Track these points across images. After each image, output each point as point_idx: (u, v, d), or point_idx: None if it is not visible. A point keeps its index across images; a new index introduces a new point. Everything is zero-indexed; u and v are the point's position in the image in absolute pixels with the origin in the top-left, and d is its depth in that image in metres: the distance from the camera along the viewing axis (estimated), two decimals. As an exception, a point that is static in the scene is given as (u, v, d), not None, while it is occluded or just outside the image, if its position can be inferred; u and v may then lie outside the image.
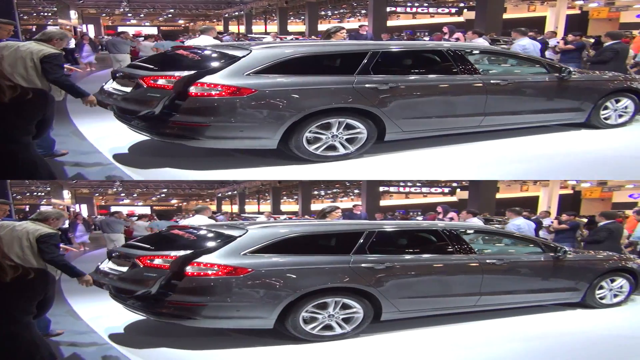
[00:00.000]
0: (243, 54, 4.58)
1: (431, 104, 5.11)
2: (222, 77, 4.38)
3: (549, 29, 17.80)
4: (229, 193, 28.02)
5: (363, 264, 4.71)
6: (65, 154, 5.27)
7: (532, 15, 23.01)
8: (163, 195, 30.28)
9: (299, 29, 28.22)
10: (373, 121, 4.86)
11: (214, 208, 26.06)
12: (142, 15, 32.38)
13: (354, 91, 4.72)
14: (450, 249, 5.24)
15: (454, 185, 22.86)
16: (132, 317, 5.02)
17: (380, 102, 4.82)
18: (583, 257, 6.20)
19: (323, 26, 23.75)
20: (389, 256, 4.89)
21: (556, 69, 5.79)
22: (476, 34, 9.43)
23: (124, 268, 4.53)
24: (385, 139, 4.99)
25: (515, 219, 8.49)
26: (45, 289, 2.50)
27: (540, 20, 21.25)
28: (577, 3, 20.82)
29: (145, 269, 4.32)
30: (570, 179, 16.54)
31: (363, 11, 27.33)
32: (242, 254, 4.36)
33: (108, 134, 5.50)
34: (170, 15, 33.17)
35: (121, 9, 29.88)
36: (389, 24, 22.18)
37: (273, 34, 20.75)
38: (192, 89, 4.31)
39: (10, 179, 8.10)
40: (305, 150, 4.73)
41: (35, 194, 25.70)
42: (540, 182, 19.74)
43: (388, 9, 22.17)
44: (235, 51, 4.69)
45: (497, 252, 5.78)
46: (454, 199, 22.76)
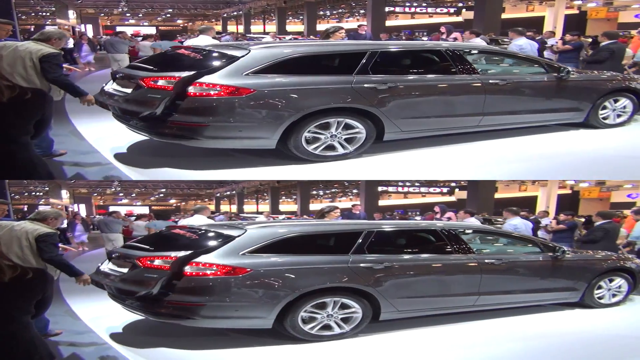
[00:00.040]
0: (242, 54, 4.57)
1: (430, 104, 5.11)
2: (221, 77, 4.38)
3: (548, 29, 17.84)
4: (228, 193, 28.00)
5: (362, 264, 4.71)
6: (64, 154, 5.26)
7: (531, 15, 23.07)
8: (162, 195, 30.25)
9: (298, 28, 28.23)
10: (372, 121, 4.86)
11: (212, 208, 26.05)
12: (141, 15, 32.37)
13: (352, 91, 4.72)
14: (449, 249, 5.24)
15: (453, 185, 22.89)
16: (131, 317, 5.01)
17: (379, 102, 4.82)
18: (581, 257, 6.20)
19: (322, 26, 23.73)
20: (387, 256, 4.89)
21: (555, 68, 5.79)
22: (473, 34, 9.45)
23: (124, 269, 4.52)
24: (384, 138, 4.99)
25: (512, 219, 8.48)
26: (43, 289, 2.51)
27: (539, 20, 21.30)
28: (576, 3, 20.84)
29: (145, 270, 4.32)
30: (569, 179, 16.55)
31: (362, 11, 27.37)
32: (241, 253, 4.36)
33: (107, 134, 5.49)
34: (168, 15, 33.16)
35: (120, 9, 29.86)
36: (388, 23, 22.21)
37: (272, 34, 20.73)
38: (191, 89, 4.30)
39: (8, 179, 8.09)
40: (304, 150, 4.72)
41: (33, 193, 25.66)
42: (539, 182, 19.75)
43: (387, 9, 22.20)
44: (233, 51, 4.68)
45: (496, 252, 5.78)
46: (452, 198, 22.78)
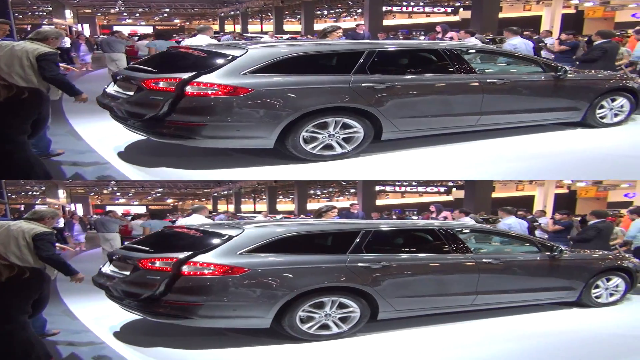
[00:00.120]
0: (239, 54, 4.56)
1: (428, 103, 5.11)
2: (219, 77, 4.37)
3: (545, 29, 17.86)
4: (225, 192, 27.99)
5: (359, 263, 4.71)
6: (61, 154, 5.25)
7: (528, 14, 23.09)
8: (159, 194, 30.24)
9: (295, 28, 28.23)
10: (370, 120, 4.85)
11: (209, 207, 26.05)
12: (138, 14, 32.34)
13: (350, 90, 4.71)
14: (447, 248, 5.24)
15: (450, 184, 22.91)
16: (129, 317, 5.00)
17: (376, 102, 4.82)
18: (579, 257, 6.19)
19: (319, 25, 23.73)
20: (385, 255, 4.89)
21: (552, 68, 5.79)
22: (468, 34, 9.46)
23: (126, 271, 4.52)
24: (382, 138, 4.99)
25: (506, 218, 8.47)
26: (40, 288, 2.50)
27: (536, 20, 21.36)
28: (573, 2, 20.87)
29: (147, 271, 4.32)
30: (566, 179, 16.58)
31: (359, 10, 27.37)
32: (239, 253, 4.36)
33: (104, 134, 5.49)
34: (165, 15, 33.13)
35: (116, 8, 29.81)
36: (385, 23, 22.21)
37: (271, 34, 20.72)
38: (189, 89, 4.30)
39: (5, 179, 8.08)
40: (302, 150, 4.72)
41: (30, 193, 25.62)
42: (536, 182, 19.79)
43: (384, 9, 22.21)
44: (231, 50, 4.67)
45: (493, 252, 5.79)
46: (449, 198, 22.80)
